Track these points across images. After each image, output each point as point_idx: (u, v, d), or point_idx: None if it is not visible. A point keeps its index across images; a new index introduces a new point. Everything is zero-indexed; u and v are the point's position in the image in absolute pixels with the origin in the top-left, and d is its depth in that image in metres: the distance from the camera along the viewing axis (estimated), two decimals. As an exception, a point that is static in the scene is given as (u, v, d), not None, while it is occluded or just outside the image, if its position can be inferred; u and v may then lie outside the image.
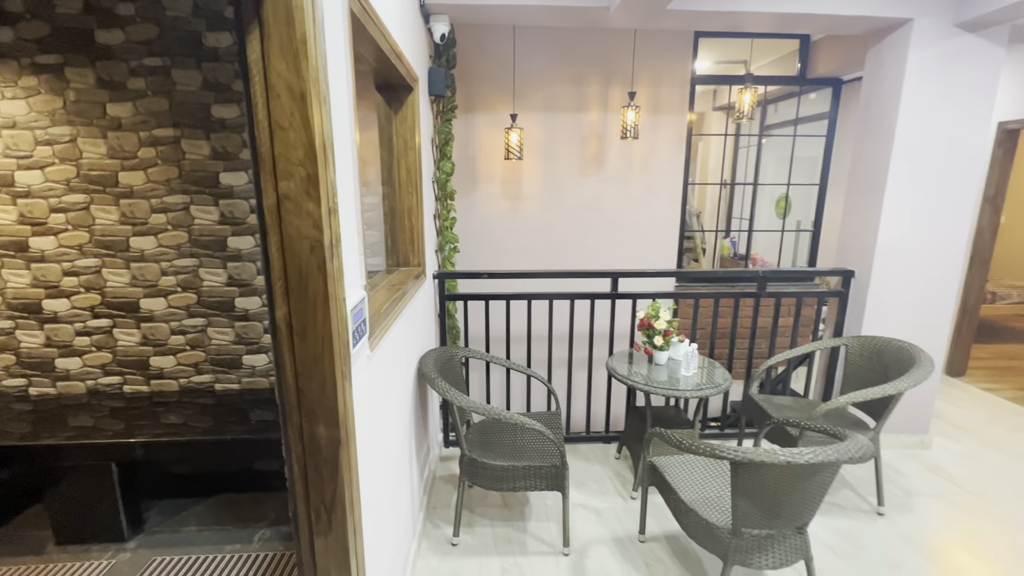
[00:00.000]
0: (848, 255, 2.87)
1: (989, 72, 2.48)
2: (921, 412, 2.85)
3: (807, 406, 2.59)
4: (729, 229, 5.16)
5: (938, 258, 2.69)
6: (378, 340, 1.37)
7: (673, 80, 3.45)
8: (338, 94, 1.05)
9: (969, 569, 2.00)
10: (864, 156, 2.75)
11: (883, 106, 2.61)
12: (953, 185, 2.61)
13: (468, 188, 3.53)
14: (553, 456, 2.03)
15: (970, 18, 2.33)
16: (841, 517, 2.29)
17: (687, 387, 2.24)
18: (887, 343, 2.45)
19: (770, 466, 1.41)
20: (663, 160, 3.59)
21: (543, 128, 3.49)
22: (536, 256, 3.66)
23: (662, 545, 2.12)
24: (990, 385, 3.82)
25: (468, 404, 1.85)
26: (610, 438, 2.97)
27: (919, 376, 2.09)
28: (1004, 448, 2.92)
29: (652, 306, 2.44)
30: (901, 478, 2.61)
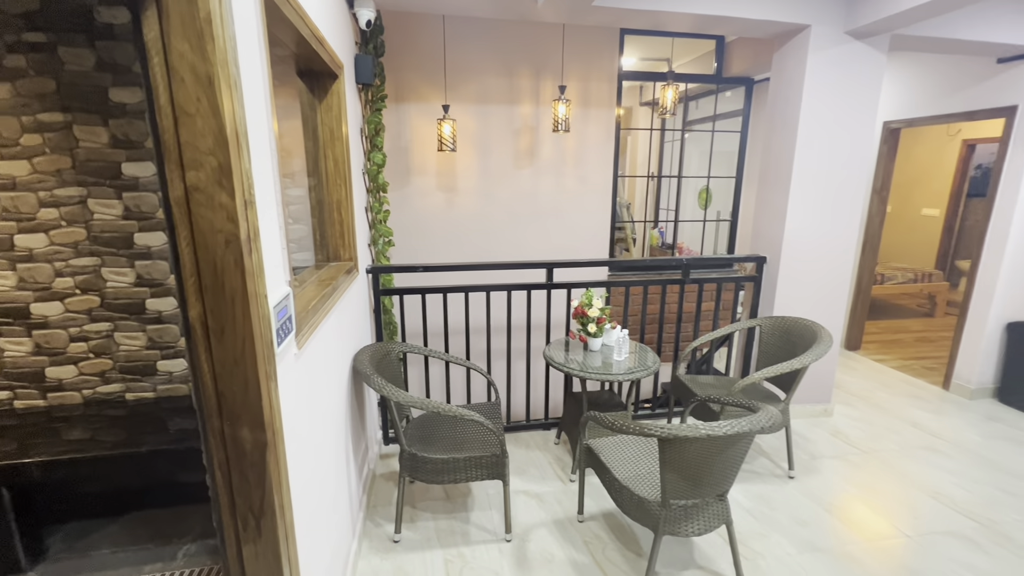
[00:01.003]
0: (760, 242, 3.11)
1: (874, 76, 2.77)
2: (824, 383, 3.16)
3: (728, 383, 2.79)
4: (657, 220, 5.41)
5: (836, 244, 2.98)
6: (306, 338, 1.32)
7: (601, 75, 3.55)
8: (252, 79, 0.99)
9: (863, 518, 2.25)
10: (773, 151, 2.98)
11: (788, 105, 2.84)
12: (847, 178, 2.89)
13: (401, 180, 3.46)
14: (493, 446, 2.06)
15: (857, 27, 2.58)
16: (757, 483, 2.50)
17: (620, 371, 2.35)
18: (795, 322, 2.69)
19: (693, 440, 1.51)
20: (594, 153, 3.70)
21: (476, 120, 3.48)
22: (473, 248, 3.66)
23: (599, 523, 2.22)
24: (880, 356, 4.30)
25: (406, 399, 1.83)
26: (549, 424, 3.05)
27: (821, 351, 2.32)
28: (891, 411, 3.30)
29: (586, 295, 2.53)
30: (808, 443, 2.89)
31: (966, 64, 3.43)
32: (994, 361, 3.44)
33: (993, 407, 3.36)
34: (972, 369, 3.46)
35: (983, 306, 3.39)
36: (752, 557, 2.01)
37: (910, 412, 3.28)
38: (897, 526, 2.20)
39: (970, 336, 3.47)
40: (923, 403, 3.42)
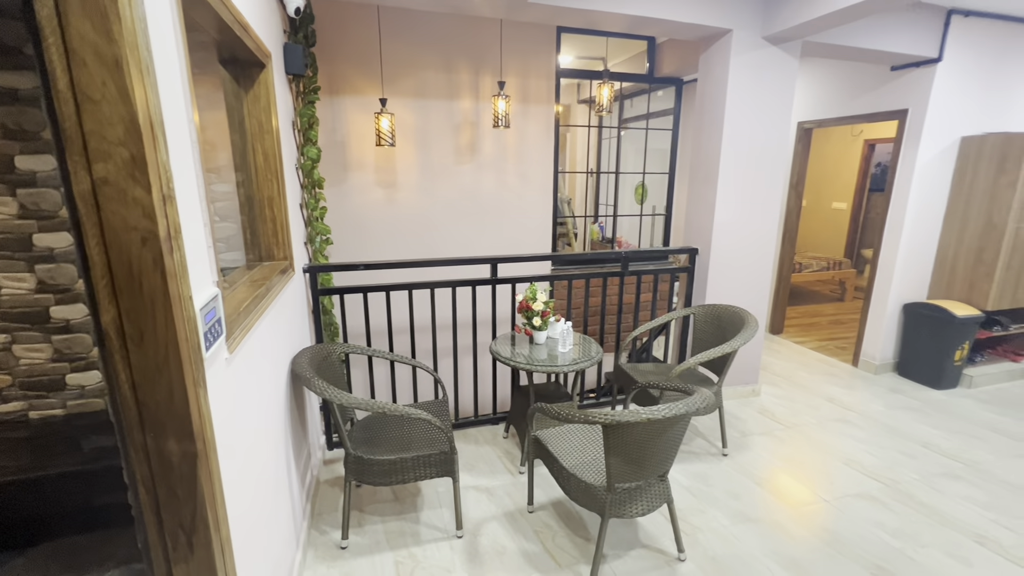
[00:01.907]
0: (692, 235, 3.28)
1: (788, 79, 2.98)
2: (751, 366, 3.39)
3: (666, 369, 2.92)
4: (597, 215, 5.56)
5: (759, 236, 3.19)
6: (238, 341, 1.25)
7: (539, 72, 3.60)
8: (167, 64, 0.92)
9: (788, 487, 2.44)
10: (701, 148, 3.15)
11: (713, 104, 3.00)
12: (767, 174, 3.11)
13: (338, 176, 3.34)
14: (441, 443, 2.04)
15: (773, 32, 2.77)
16: (695, 462, 2.65)
17: (565, 362, 2.40)
18: (724, 309, 2.86)
19: (635, 424, 1.57)
20: (534, 149, 3.75)
21: (416, 114, 3.42)
22: (416, 245, 3.60)
23: (549, 512, 2.26)
24: (800, 339, 4.66)
25: (349, 401, 1.78)
26: (498, 419, 3.07)
27: (748, 335, 2.48)
28: (810, 388, 3.59)
29: (530, 289, 2.56)
30: (739, 422, 3.09)
31: (866, 71, 3.77)
32: (894, 339, 3.83)
33: (894, 380, 3.75)
34: (876, 347, 3.83)
35: (884, 290, 3.76)
36: (692, 532, 2.12)
37: (826, 388, 3.59)
38: (817, 492, 2.41)
39: (874, 317, 3.84)
40: (837, 379, 3.75)
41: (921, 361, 3.66)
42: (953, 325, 3.43)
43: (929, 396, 3.47)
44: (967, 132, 3.55)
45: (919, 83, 3.43)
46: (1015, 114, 3.65)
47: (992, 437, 2.92)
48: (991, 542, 2.08)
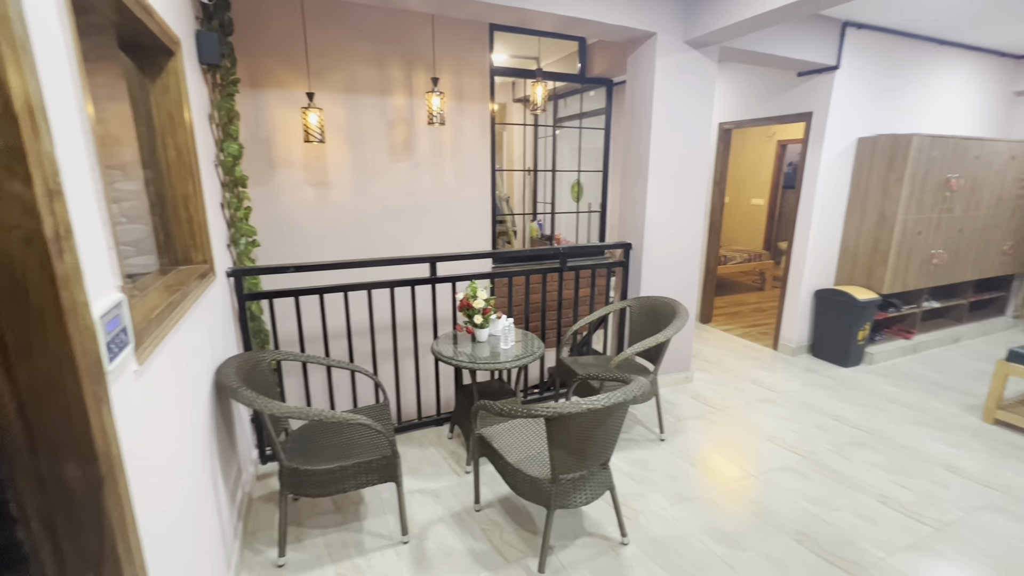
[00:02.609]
0: (626, 230, 3.39)
1: (709, 81, 3.16)
2: (684, 354, 3.57)
3: (606, 361, 3.01)
4: (536, 212, 5.63)
5: (686, 230, 3.36)
6: (150, 351, 1.15)
7: (473, 69, 3.58)
8: (50, 46, 0.82)
9: (720, 466, 2.59)
10: (631, 147, 3.27)
11: (641, 105, 3.12)
12: (693, 172, 3.28)
13: (264, 173, 3.16)
14: (383, 448, 1.99)
15: (694, 37, 2.93)
16: (635, 448, 2.75)
17: (507, 359, 2.41)
18: (658, 301, 2.98)
19: (576, 415, 1.60)
20: (471, 147, 3.73)
21: (347, 110, 3.30)
22: (351, 245, 3.47)
23: (496, 509, 2.26)
24: (727, 327, 4.97)
25: (280, 410, 1.68)
26: (443, 420, 3.03)
27: (680, 324, 2.61)
28: (737, 372, 3.84)
29: (470, 287, 2.54)
30: (674, 408, 3.24)
31: (777, 76, 4.08)
32: (807, 323, 4.17)
33: (809, 360, 4.08)
34: (793, 331, 4.15)
35: (797, 278, 4.08)
36: (634, 516, 2.20)
37: (751, 372, 3.85)
38: (745, 469, 2.57)
39: (790, 304, 4.17)
40: (760, 363, 4.03)
41: (831, 342, 4.01)
42: (856, 308, 3.78)
43: (838, 374, 3.81)
44: (863, 133, 3.92)
45: (821, 88, 3.75)
46: (901, 117, 4.08)
47: (891, 407, 3.26)
48: (892, 501, 2.31)
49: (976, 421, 3.07)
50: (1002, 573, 1.90)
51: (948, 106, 4.30)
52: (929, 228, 3.96)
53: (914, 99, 4.09)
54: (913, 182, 3.72)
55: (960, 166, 3.94)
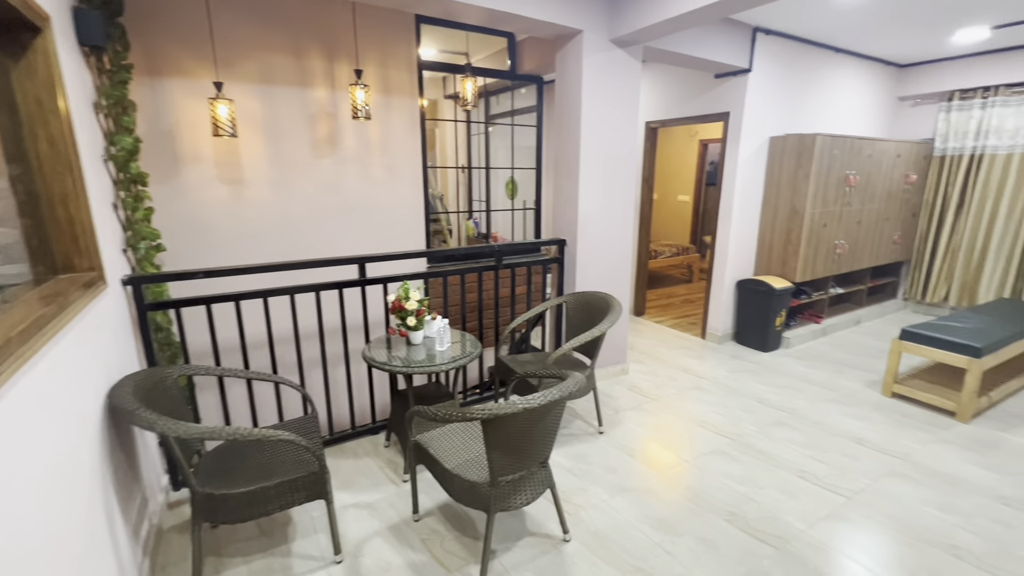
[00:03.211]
0: (560, 227, 3.42)
1: (634, 80, 3.24)
2: (619, 347, 3.65)
3: (544, 357, 3.01)
4: (471, 210, 5.56)
5: (618, 225, 3.44)
6: (9, 375, 0.97)
7: (400, 63, 3.45)
8: None
9: (656, 454, 2.66)
10: (563, 144, 3.29)
11: (571, 102, 3.15)
12: (622, 169, 3.35)
13: (168, 170, 2.87)
14: (310, 464, 1.85)
15: (619, 36, 2.99)
16: (575, 443, 2.77)
17: (443, 361, 2.33)
18: (592, 296, 3.02)
19: (512, 416, 1.56)
20: (401, 143, 3.60)
21: (262, 102, 3.07)
22: (271, 247, 3.24)
23: (436, 517, 2.18)
24: (659, 318, 5.16)
25: (188, 432, 1.51)
26: (378, 428, 2.90)
27: (614, 318, 2.65)
28: (669, 362, 3.98)
29: (402, 288, 2.44)
30: (612, 400, 3.30)
31: (697, 78, 4.27)
32: (731, 312, 4.41)
33: (734, 347, 4.32)
34: (718, 320, 4.38)
35: (721, 270, 4.31)
36: (575, 511, 2.20)
37: (682, 361, 4.01)
38: (680, 455, 2.66)
39: (715, 294, 4.39)
40: (690, 352, 4.21)
41: (752, 329, 4.26)
42: (773, 296, 4.05)
43: (760, 358, 4.06)
44: (774, 133, 4.20)
45: (736, 89, 3.96)
46: (806, 118, 4.41)
47: (806, 387, 3.51)
48: (810, 475, 2.48)
49: (877, 395, 3.37)
50: (905, 533, 2.08)
51: (845, 108, 4.71)
52: (833, 221, 4.31)
53: (816, 101, 4.44)
54: (818, 178, 4.03)
55: (856, 163, 4.33)
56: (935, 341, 3.12)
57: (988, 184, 4.68)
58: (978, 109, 4.68)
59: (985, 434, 2.86)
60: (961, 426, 2.95)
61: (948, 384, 3.30)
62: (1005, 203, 4.59)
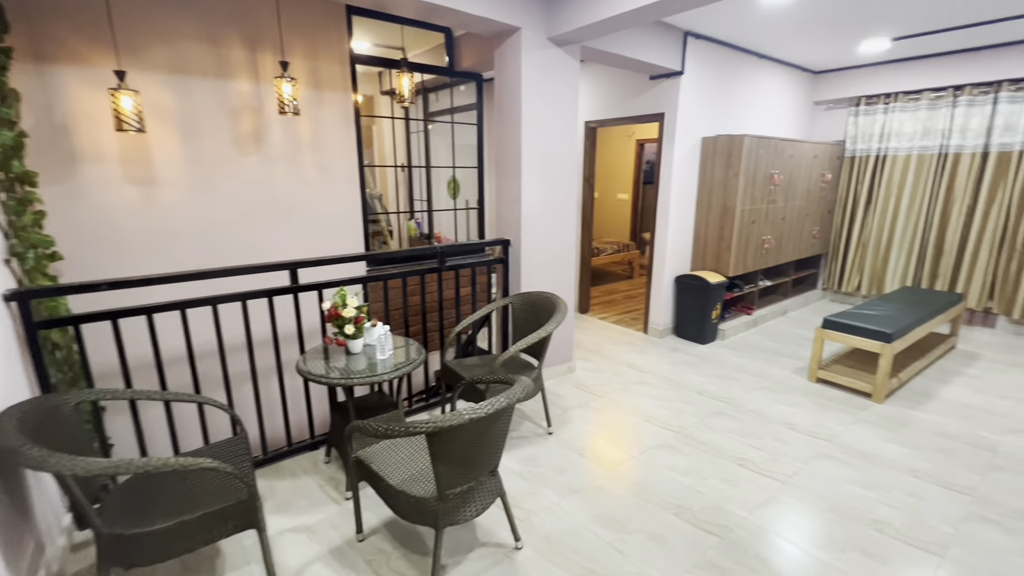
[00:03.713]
0: (504, 227, 3.37)
1: (573, 79, 3.25)
2: (565, 345, 3.67)
3: (491, 360, 2.95)
4: (412, 210, 5.40)
5: (561, 224, 3.44)
6: None
7: (331, 56, 3.27)
8: None
9: (604, 452, 2.69)
10: (504, 143, 3.24)
11: (511, 100, 3.11)
12: (563, 168, 3.36)
13: (63, 169, 2.55)
14: (238, 491, 1.69)
15: (556, 34, 2.98)
16: (525, 446, 2.74)
17: (386, 370, 2.22)
18: (538, 296, 3.00)
19: (459, 427, 1.50)
20: (335, 140, 3.42)
21: (175, 94, 2.80)
22: (192, 254, 2.97)
23: (382, 535, 2.07)
24: (603, 315, 5.25)
25: (89, 468, 1.33)
26: (318, 443, 2.73)
27: (560, 318, 2.64)
28: (614, 358, 4.05)
29: (338, 294, 2.30)
30: (560, 399, 3.31)
31: (634, 79, 4.36)
32: (671, 306, 4.56)
33: (674, 341, 4.46)
34: (659, 315, 4.51)
35: (660, 266, 4.44)
36: (526, 517, 2.17)
37: (626, 356, 4.09)
38: (627, 451, 2.70)
39: (655, 290, 4.52)
40: (633, 347, 4.31)
41: (690, 322, 4.43)
42: (708, 290, 4.22)
43: (698, 351, 4.22)
44: (706, 133, 4.37)
45: (670, 91, 4.09)
46: (734, 119, 4.63)
47: (741, 377, 3.68)
48: (749, 462, 2.59)
49: (804, 381, 3.59)
50: (834, 512, 2.21)
51: (768, 111, 4.99)
52: (760, 217, 4.56)
53: (743, 104, 4.67)
54: (747, 177, 4.24)
55: (780, 163, 4.60)
56: (852, 329, 3.36)
57: (891, 183, 5.12)
58: (881, 114, 5.11)
59: (897, 412, 3.12)
60: (876, 406, 3.20)
61: (864, 368, 3.57)
62: (905, 200, 5.05)
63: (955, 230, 4.79)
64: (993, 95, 4.45)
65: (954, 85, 4.62)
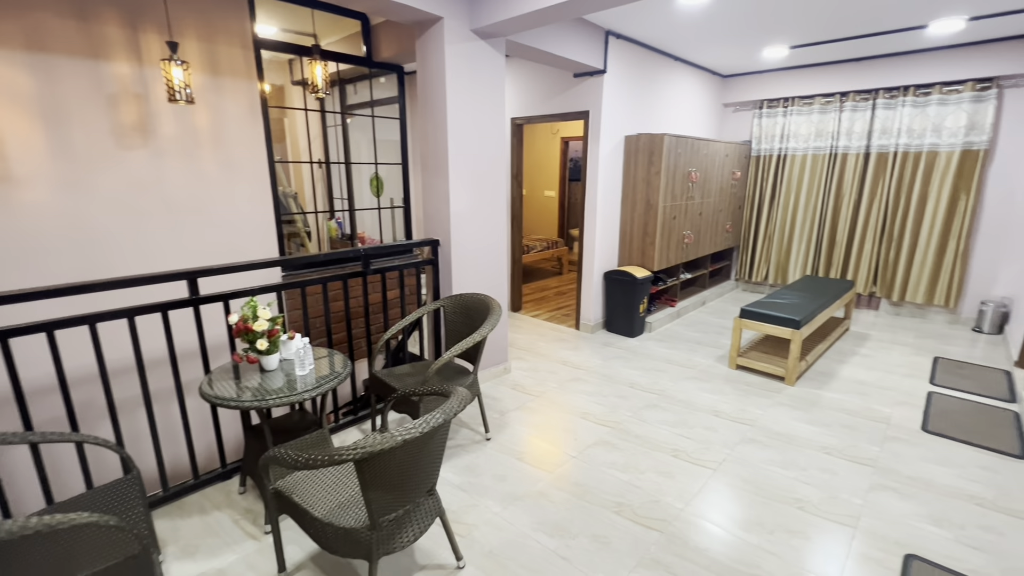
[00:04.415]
0: (432, 226, 3.23)
1: (498, 74, 3.17)
2: (500, 346, 3.60)
3: (424, 367, 2.81)
4: (333, 210, 5.07)
5: (492, 222, 3.36)
6: None
7: (231, 39, 2.94)
8: None
9: (544, 454, 2.64)
10: (429, 138, 3.10)
11: (435, 94, 2.97)
12: (493, 165, 3.27)
13: None
14: (128, 545, 1.44)
15: (479, 27, 2.88)
16: (463, 455, 2.63)
17: (306, 387, 2.01)
18: (471, 297, 2.90)
19: (390, 451, 1.36)
20: (240, 133, 3.08)
21: (31, 75, 2.37)
22: (64, 264, 2.55)
23: (309, 571, 1.88)
24: (535, 312, 5.25)
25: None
26: (230, 471, 2.44)
27: (494, 321, 2.55)
28: (548, 356, 4.05)
29: (247, 306, 2.05)
30: (497, 402, 3.23)
31: (559, 76, 4.37)
32: (600, 301, 4.64)
33: (605, 336, 4.55)
34: (590, 310, 4.57)
35: (590, 262, 4.50)
36: (467, 532, 2.07)
37: (560, 353, 4.10)
38: (566, 451, 2.67)
39: (585, 286, 4.57)
40: (567, 343, 4.33)
41: (620, 316, 4.53)
42: (635, 285, 4.33)
43: (628, 344, 4.33)
44: (628, 132, 4.48)
45: (594, 89, 4.13)
46: (654, 119, 4.79)
47: (669, 368, 3.81)
48: (682, 452, 2.66)
49: (725, 369, 3.79)
50: (760, 495, 2.32)
51: (684, 111, 5.22)
52: (680, 213, 4.76)
53: (662, 104, 4.84)
54: (667, 175, 4.40)
55: (696, 161, 4.82)
56: (766, 317, 3.59)
57: (791, 180, 5.57)
58: (781, 116, 5.54)
59: (807, 393, 3.37)
60: (789, 389, 3.44)
61: (777, 353, 3.83)
62: (803, 196, 5.51)
63: (845, 223, 5.30)
64: (872, 101, 4.96)
65: (840, 92, 5.09)
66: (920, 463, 2.56)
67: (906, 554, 1.95)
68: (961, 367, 3.77)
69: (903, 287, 5.01)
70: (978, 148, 4.46)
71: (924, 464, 2.55)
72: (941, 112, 4.60)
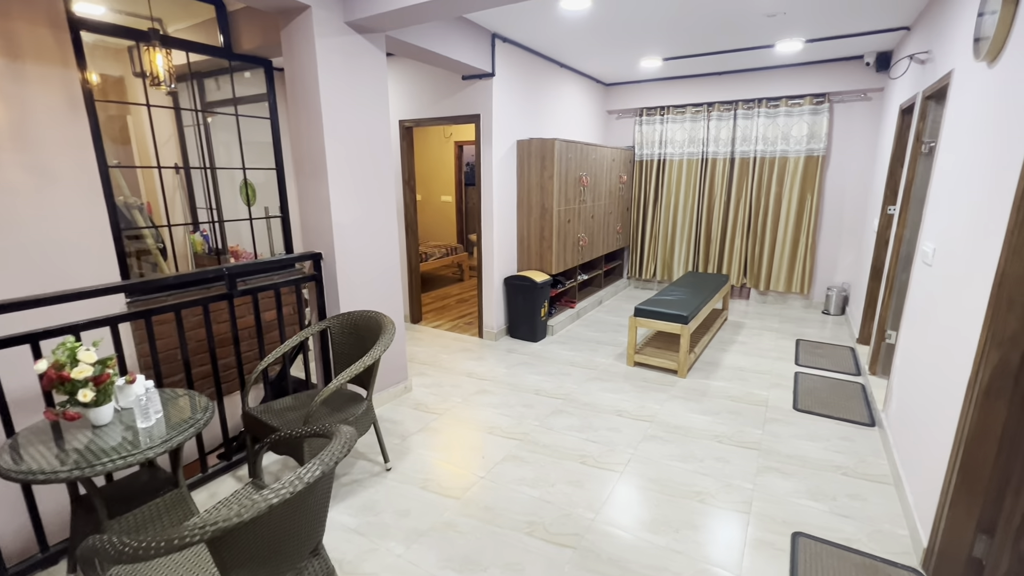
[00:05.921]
0: (312, 238, 2.90)
1: (380, 73, 2.94)
2: (398, 363, 3.35)
3: (308, 397, 2.49)
4: (197, 221, 4.42)
5: (382, 232, 3.11)
6: None
7: (35, 15, 2.38)
8: None
9: (450, 478, 2.47)
10: (303, 140, 2.78)
11: (307, 91, 2.66)
12: (379, 170, 3.03)
13: None
14: None
15: (354, 19, 2.64)
16: (359, 492, 2.37)
17: (152, 443, 1.65)
18: (361, 315, 2.64)
19: (252, 521, 1.11)
20: (54, 132, 2.51)
21: None
22: None
23: (162, 669, 1.52)
24: (436, 322, 5.04)
25: None
26: (55, 556, 1.95)
27: (387, 340, 2.33)
28: (451, 368, 3.87)
29: (61, 348, 1.63)
30: (397, 426, 2.99)
31: (447, 78, 4.22)
32: (502, 308, 4.57)
33: (509, 342, 4.48)
34: (492, 317, 4.48)
35: (489, 268, 4.41)
36: (366, 583, 1.84)
37: (464, 364, 3.95)
38: (474, 472, 2.53)
39: (487, 293, 4.47)
40: (470, 353, 4.19)
41: (522, 322, 4.50)
42: (535, 289, 4.32)
43: (532, 349, 4.30)
44: (520, 136, 4.46)
45: (483, 93, 4.05)
46: (544, 124, 4.83)
47: (572, 370, 3.84)
48: (589, 458, 2.65)
49: (624, 366, 3.91)
50: (664, 492, 2.36)
51: (572, 117, 5.36)
52: (574, 216, 4.86)
53: (551, 109, 4.91)
54: (560, 179, 4.45)
55: (586, 166, 4.96)
56: (657, 315, 3.76)
57: (671, 183, 5.98)
58: (659, 124, 5.92)
59: (697, 384, 3.58)
60: (682, 381, 3.63)
61: (669, 348, 4.04)
62: (682, 198, 5.94)
63: (718, 222, 5.80)
64: (733, 112, 5.49)
65: (707, 102, 5.56)
66: (795, 440, 2.80)
67: (793, 532, 2.09)
68: (818, 347, 4.27)
69: (768, 278, 5.60)
70: (818, 154, 5.12)
71: (798, 441, 2.80)
72: (788, 122, 5.21)
